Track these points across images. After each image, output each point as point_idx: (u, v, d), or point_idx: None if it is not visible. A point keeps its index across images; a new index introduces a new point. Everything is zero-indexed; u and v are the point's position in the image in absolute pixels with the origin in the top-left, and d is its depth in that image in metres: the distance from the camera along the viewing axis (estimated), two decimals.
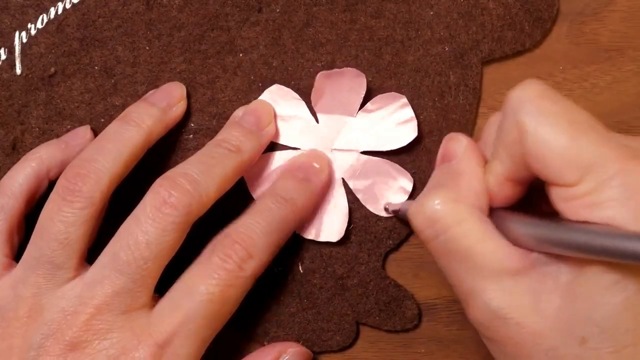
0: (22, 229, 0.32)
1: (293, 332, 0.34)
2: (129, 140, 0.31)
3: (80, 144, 0.33)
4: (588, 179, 0.23)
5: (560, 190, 0.24)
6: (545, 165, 0.24)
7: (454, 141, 0.29)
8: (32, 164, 0.32)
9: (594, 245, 0.22)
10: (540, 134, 0.24)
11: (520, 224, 0.25)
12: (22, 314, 0.29)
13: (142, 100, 0.33)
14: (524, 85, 0.25)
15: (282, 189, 0.32)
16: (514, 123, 0.25)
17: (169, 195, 0.29)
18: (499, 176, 0.27)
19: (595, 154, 0.23)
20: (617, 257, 0.22)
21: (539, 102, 0.25)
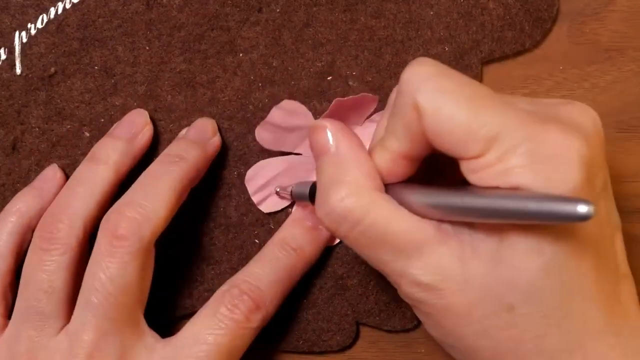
0: (13, 286, 0.32)
1: (293, 332, 0.34)
2: (98, 180, 0.31)
3: (53, 187, 0.33)
4: (493, 149, 0.23)
5: (468, 163, 0.24)
6: (448, 142, 0.24)
7: (320, 131, 0.28)
8: (11, 219, 0.32)
9: (501, 209, 0.23)
10: (440, 113, 0.24)
11: (422, 196, 0.25)
12: None
13: (107, 136, 0.33)
14: (416, 64, 0.25)
15: (291, 238, 0.32)
16: (410, 104, 0.25)
17: (117, 228, 0.29)
18: (394, 153, 0.26)
19: (498, 123, 0.23)
20: (525, 218, 0.22)
21: (434, 81, 0.24)
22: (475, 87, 0.25)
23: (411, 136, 0.25)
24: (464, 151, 0.24)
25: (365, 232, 0.26)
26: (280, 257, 0.32)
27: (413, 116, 0.25)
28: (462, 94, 0.24)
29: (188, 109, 0.34)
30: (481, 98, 0.24)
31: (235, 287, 0.30)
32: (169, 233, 0.32)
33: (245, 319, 0.30)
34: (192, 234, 0.34)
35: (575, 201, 0.21)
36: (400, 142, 0.26)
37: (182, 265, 0.34)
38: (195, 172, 0.32)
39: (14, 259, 0.32)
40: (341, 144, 0.27)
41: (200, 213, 0.34)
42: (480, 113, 0.24)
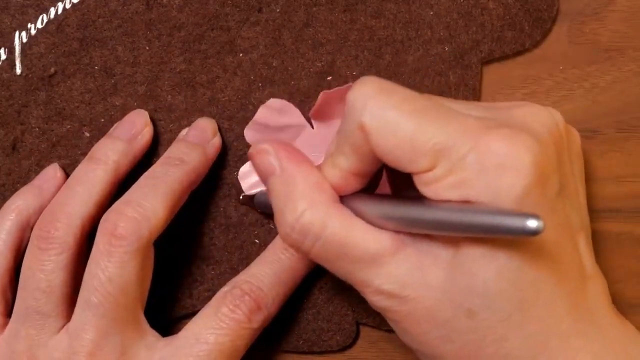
0: (13, 285, 0.32)
1: (293, 332, 0.34)
2: (97, 180, 0.31)
3: (53, 185, 0.33)
4: (442, 162, 0.23)
5: (420, 176, 0.24)
6: (396, 158, 0.24)
7: (262, 154, 0.28)
8: (10, 217, 0.32)
9: (453, 222, 0.23)
10: (385, 131, 0.24)
11: (377, 208, 0.26)
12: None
13: (107, 137, 0.33)
14: (359, 84, 0.25)
15: None
16: (356, 125, 0.25)
17: (115, 227, 0.29)
18: (344, 171, 0.26)
19: (444, 136, 0.23)
20: (476, 232, 0.22)
21: (377, 99, 0.24)
22: (419, 101, 0.25)
23: (360, 155, 0.26)
24: (413, 166, 0.24)
25: (325, 245, 0.26)
26: (283, 258, 0.32)
27: (360, 136, 0.25)
28: (405, 109, 0.24)
29: (188, 109, 0.34)
30: (425, 111, 0.24)
31: (237, 288, 0.30)
32: (169, 233, 0.32)
33: (247, 319, 0.30)
34: (192, 234, 0.34)
35: (523, 216, 0.21)
36: (349, 161, 0.26)
37: (182, 265, 0.34)
38: (196, 175, 0.32)
39: (13, 257, 0.32)
40: (285, 163, 0.27)
41: (200, 213, 0.34)
42: (425, 126, 0.24)
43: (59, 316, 0.30)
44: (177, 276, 0.34)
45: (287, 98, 0.34)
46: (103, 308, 0.29)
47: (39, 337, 0.30)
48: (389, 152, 0.24)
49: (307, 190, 0.26)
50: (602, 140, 0.34)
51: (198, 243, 0.34)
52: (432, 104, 0.25)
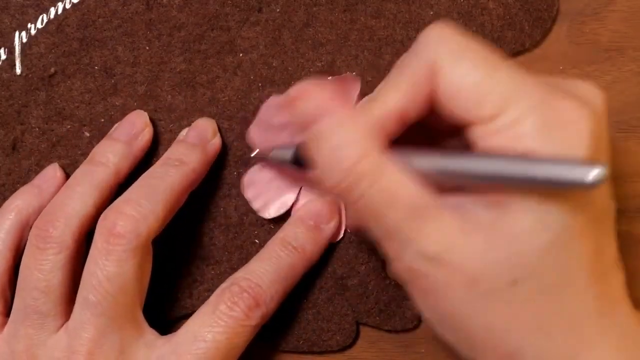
0: (12, 283, 0.32)
1: (293, 332, 0.34)
2: (96, 181, 0.31)
3: (52, 185, 0.33)
4: (506, 112, 0.23)
5: (479, 128, 0.24)
6: (461, 101, 0.24)
7: (306, 98, 0.25)
8: (10, 216, 0.32)
9: (510, 172, 0.22)
10: (456, 71, 0.24)
11: (427, 160, 0.25)
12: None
13: (106, 138, 0.33)
14: (435, 26, 0.25)
15: (292, 237, 0.32)
16: (426, 61, 0.24)
17: (114, 226, 0.29)
18: (389, 109, 0.25)
19: (512, 87, 0.23)
20: (534, 182, 0.22)
21: (453, 40, 0.24)
22: (492, 52, 0.25)
23: (416, 94, 0.25)
24: (477, 111, 0.24)
25: (376, 195, 0.25)
26: (282, 255, 0.32)
27: (424, 74, 0.24)
28: (478, 55, 0.24)
29: (188, 109, 0.34)
30: (498, 62, 0.24)
31: (236, 285, 0.30)
32: (170, 233, 0.32)
33: (245, 317, 0.30)
34: (192, 234, 0.34)
35: (587, 164, 0.21)
36: (401, 99, 0.25)
37: (182, 265, 0.34)
38: (195, 176, 0.32)
39: (12, 256, 0.32)
40: (333, 108, 0.25)
41: (200, 213, 0.34)
42: (495, 74, 0.24)
43: (57, 315, 0.30)
44: (177, 276, 0.34)
45: None
46: (101, 307, 0.29)
47: (38, 336, 0.30)
48: (455, 93, 0.24)
49: (359, 137, 0.25)
50: None
51: (198, 243, 0.34)
52: (503, 58, 0.25)
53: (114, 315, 0.29)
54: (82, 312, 0.29)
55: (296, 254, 0.32)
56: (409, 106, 0.25)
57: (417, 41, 0.25)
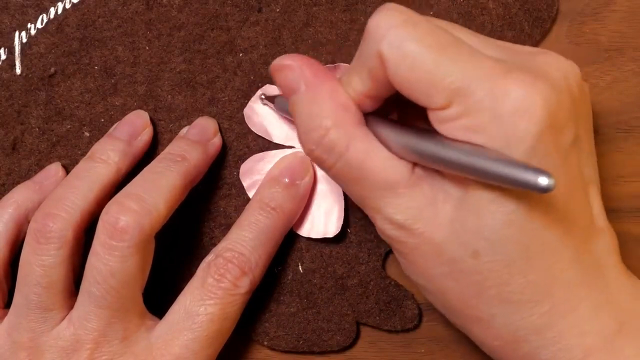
0: (9, 276, 0.32)
1: (293, 332, 0.34)
2: (97, 176, 0.31)
3: (53, 183, 0.33)
4: (457, 101, 0.23)
5: (434, 113, 0.24)
6: (412, 91, 0.24)
7: (286, 70, 0.27)
8: (9, 210, 0.32)
9: (465, 165, 0.23)
10: (403, 62, 0.24)
11: (397, 136, 0.25)
12: (23, 357, 0.30)
13: (107, 136, 0.33)
14: (382, 11, 0.25)
15: (269, 197, 0.32)
16: (375, 51, 0.24)
17: (117, 221, 0.29)
18: (358, 93, 0.26)
19: (462, 75, 0.23)
20: (486, 178, 0.22)
21: (399, 29, 0.24)
22: (441, 35, 0.24)
23: (376, 80, 0.25)
24: (428, 101, 0.24)
25: (346, 165, 0.26)
26: (261, 219, 0.31)
27: (377, 64, 0.24)
28: (426, 42, 0.24)
29: (188, 109, 0.34)
30: (446, 47, 0.24)
31: (220, 257, 0.31)
32: (170, 233, 0.32)
33: (233, 286, 0.30)
34: (192, 233, 0.34)
35: (535, 172, 0.21)
36: (364, 84, 0.26)
37: (182, 265, 0.34)
38: (196, 172, 0.32)
39: (9, 249, 0.32)
40: (311, 79, 0.26)
41: (200, 213, 0.34)
42: (443, 63, 0.23)
43: (60, 309, 0.30)
44: (177, 276, 0.34)
45: None
46: (105, 300, 0.29)
47: (41, 329, 0.30)
48: (405, 83, 0.24)
49: (332, 109, 0.26)
50: (602, 140, 0.34)
51: (198, 243, 0.34)
52: (453, 40, 0.24)
53: (117, 307, 0.29)
54: (85, 304, 0.30)
55: (275, 215, 0.32)
56: (372, 89, 0.26)
57: (367, 27, 0.25)
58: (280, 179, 0.32)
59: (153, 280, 0.31)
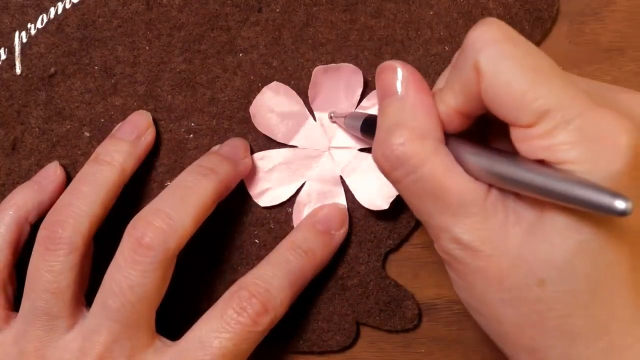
0: (13, 279, 0.32)
1: (293, 332, 0.34)
2: (103, 180, 0.31)
3: (52, 183, 0.33)
4: (545, 121, 0.23)
5: (518, 131, 0.24)
6: (501, 107, 0.24)
7: (391, 72, 0.27)
8: (9, 212, 0.32)
9: (542, 186, 0.23)
10: (497, 78, 0.24)
11: (476, 157, 0.25)
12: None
13: (110, 137, 0.33)
14: (484, 25, 0.25)
15: (302, 241, 0.32)
16: (472, 64, 0.24)
17: (143, 237, 0.29)
18: (449, 108, 0.26)
19: (553, 99, 0.23)
20: (563, 201, 0.22)
21: (500, 45, 0.24)
22: (538, 58, 0.24)
23: (468, 94, 0.25)
24: (515, 119, 0.24)
25: (419, 181, 0.25)
26: (292, 259, 0.31)
27: (472, 76, 0.24)
28: (523, 62, 0.24)
29: (188, 109, 0.34)
30: (542, 70, 0.24)
31: (244, 289, 0.30)
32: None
33: (253, 322, 0.30)
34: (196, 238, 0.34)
35: (615, 195, 0.21)
36: (456, 98, 0.26)
37: (181, 266, 0.34)
38: (225, 187, 0.32)
39: (12, 251, 0.32)
40: (410, 88, 0.26)
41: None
42: (536, 85, 0.23)
43: (67, 317, 0.30)
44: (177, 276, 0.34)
45: None
46: (119, 314, 0.29)
47: (47, 338, 0.30)
48: (495, 99, 0.24)
49: (421, 122, 0.26)
50: None
51: (198, 243, 0.34)
52: (548, 64, 0.24)
53: (129, 323, 0.29)
54: (98, 315, 0.29)
55: (306, 258, 0.32)
56: (464, 105, 0.26)
57: (466, 38, 0.25)
58: (315, 225, 0.33)
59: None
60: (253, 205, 0.34)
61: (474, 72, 0.24)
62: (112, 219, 0.31)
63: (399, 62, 0.27)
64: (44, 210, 0.32)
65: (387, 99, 0.27)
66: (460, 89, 0.25)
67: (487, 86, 0.24)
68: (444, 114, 0.26)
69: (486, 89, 0.24)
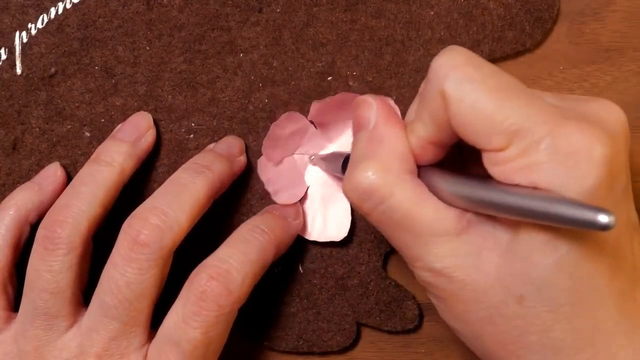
0: (13, 279, 0.32)
1: (293, 332, 0.34)
2: (102, 181, 0.31)
3: (52, 183, 0.33)
4: (516, 143, 0.23)
5: (490, 155, 0.24)
6: (471, 132, 0.24)
7: (364, 106, 0.28)
8: (9, 212, 0.32)
9: (521, 207, 0.23)
10: (464, 103, 0.24)
11: (450, 184, 0.25)
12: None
13: (111, 138, 0.33)
14: (447, 52, 0.25)
15: (260, 222, 0.32)
16: (438, 91, 0.24)
17: (139, 234, 0.29)
18: (421, 139, 0.26)
19: (522, 117, 0.23)
20: (543, 220, 0.22)
21: (462, 70, 0.24)
22: (502, 78, 0.24)
23: (438, 124, 0.25)
24: (486, 143, 0.24)
25: (387, 212, 0.26)
26: (250, 239, 0.31)
27: (439, 104, 0.25)
28: (488, 84, 0.24)
29: (188, 109, 0.34)
30: (507, 90, 0.24)
31: (203, 272, 0.30)
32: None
33: (217, 307, 0.29)
34: (191, 235, 0.34)
35: (596, 210, 0.20)
36: (427, 129, 0.26)
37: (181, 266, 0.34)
38: (220, 185, 0.32)
39: (12, 252, 0.32)
40: (380, 121, 0.27)
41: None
42: (504, 105, 0.23)
43: (66, 316, 0.30)
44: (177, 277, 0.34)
45: (287, 98, 0.34)
46: (117, 311, 0.29)
47: (46, 337, 0.30)
48: (464, 124, 0.24)
49: (387, 154, 0.26)
50: None
51: (198, 244, 0.34)
52: (514, 83, 0.24)
53: (127, 321, 0.29)
54: (96, 314, 0.29)
55: (265, 236, 0.31)
56: (435, 135, 0.26)
57: (430, 67, 0.25)
58: (273, 212, 0.33)
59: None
60: (253, 206, 0.34)
61: (440, 99, 0.24)
62: (112, 219, 0.31)
63: (374, 97, 0.28)
64: (44, 210, 0.32)
65: (358, 132, 0.27)
66: (429, 118, 0.25)
67: (455, 112, 0.24)
68: (416, 146, 0.26)
69: (454, 116, 0.24)
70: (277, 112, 0.34)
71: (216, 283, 0.29)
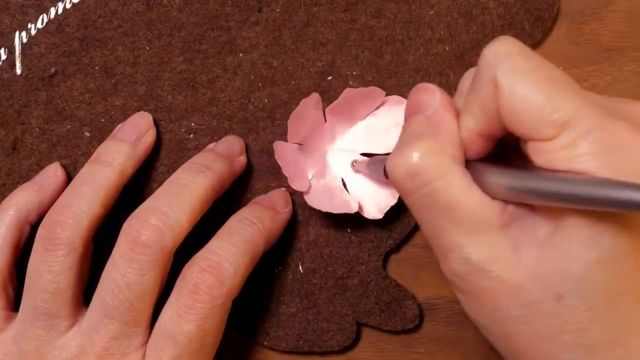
0: (13, 279, 0.32)
1: (293, 332, 0.34)
2: (102, 181, 0.31)
3: (53, 183, 0.33)
4: (564, 133, 0.23)
5: (537, 145, 0.24)
6: (521, 121, 0.24)
7: (426, 92, 0.27)
8: (10, 212, 0.32)
9: (568, 192, 0.22)
10: (517, 91, 0.24)
11: (496, 175, 0.25)
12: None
13: (111, 138, 0.33)
14: (500, 41, 0.25)
15: (249, 213, 0.32)
16: (490, 79, 0.24)
17: (139, 235, 0.29)
18: (470, 131, 0.26)
19: (572, 110, 0.23)
20: (593, 204, 0.22)
21: (515, 59, 0.24)
22: (553, 71, 0.24)
23: (487, 114, 0.25)
24: (536, 132, 0.24)
25: (431, 195, 0.25)
26: (240, 230, 0.31)
27: (490, 92, 0.24)
28: (540, 75, 0.24)
29: (188, 109, 0.34)
30: (558, 82, 0.24)
31: (195, 265, 0.30)
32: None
33: (210, 299, 0.29)
34: (191, 235, 0.34)
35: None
36: (476, 120, 0.26)
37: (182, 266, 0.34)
38: (220, 185, 0.32)
39: (12, 252, 0.32)
40: (440, 108, 0.26)
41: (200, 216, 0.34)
42: (555, 97, 0.23)
43: (66, 316, 0.30)
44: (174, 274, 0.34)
45: (287, 98, 0.34)
46: (117, 312, 0.29)
47: (47, 337, 0.30)
48: (514, 113, 0.24)
49: (443, 139, 0.26)
50: None
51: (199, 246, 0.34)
52: (564, 77, 0.24)
53: (127, 320, 0.29)
54: (97, 314, 0.29)
55: (255, 226, 0.31)
56: (484, 126, 0.26)
57: (480, 58, 0.25)
58: (262, 202, 0.33)
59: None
60: None
61: (492, 88, 0.24)
62: (112, 219, 0.31)
63: (435, 85, 0.27)
64: (44, 210, 0.32)
65: (413, 116, 0.27)
66: (479, 109, 0.25)
67: (506, 101, 0.24)
68: (465, 138, 0.26)
69: (505, 104, 0.24)
70: (277, 112, 0.34)
71: (208, 275, 0.29)
